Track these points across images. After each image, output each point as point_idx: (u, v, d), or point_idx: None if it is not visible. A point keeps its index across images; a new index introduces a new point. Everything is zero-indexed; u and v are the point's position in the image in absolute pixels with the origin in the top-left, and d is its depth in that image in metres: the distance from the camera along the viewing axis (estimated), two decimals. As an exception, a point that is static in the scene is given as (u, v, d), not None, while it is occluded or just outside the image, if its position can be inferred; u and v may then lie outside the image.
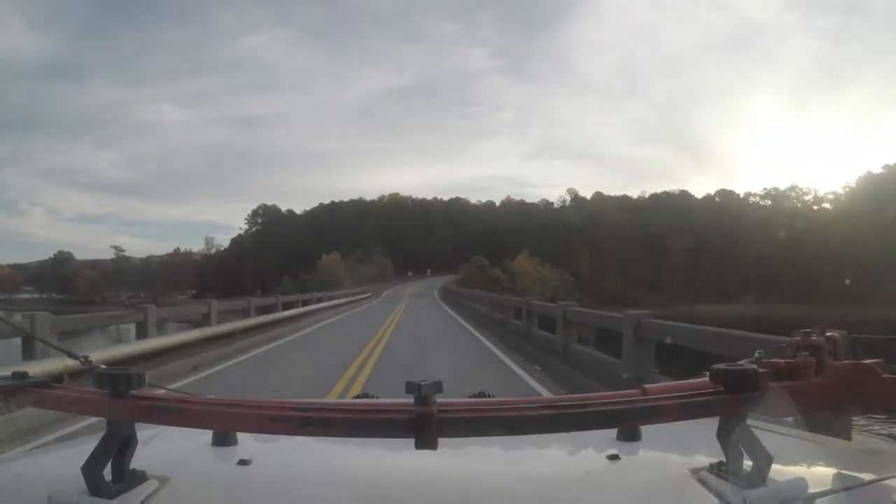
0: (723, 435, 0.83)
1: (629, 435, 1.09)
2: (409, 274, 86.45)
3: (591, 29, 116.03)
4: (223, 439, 1.11)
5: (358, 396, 1.68)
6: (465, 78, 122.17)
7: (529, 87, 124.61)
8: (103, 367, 0.90)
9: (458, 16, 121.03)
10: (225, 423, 0.87)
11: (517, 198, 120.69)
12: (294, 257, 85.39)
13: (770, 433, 0.95)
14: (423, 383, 0.73)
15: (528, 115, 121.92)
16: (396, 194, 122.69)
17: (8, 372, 0.91)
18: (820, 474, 0.88)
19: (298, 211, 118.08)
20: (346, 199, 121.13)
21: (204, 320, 12.65)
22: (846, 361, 0.93)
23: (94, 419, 0.87)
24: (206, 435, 1.11)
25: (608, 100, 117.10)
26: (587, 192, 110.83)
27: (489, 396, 1.54)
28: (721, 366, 0.84)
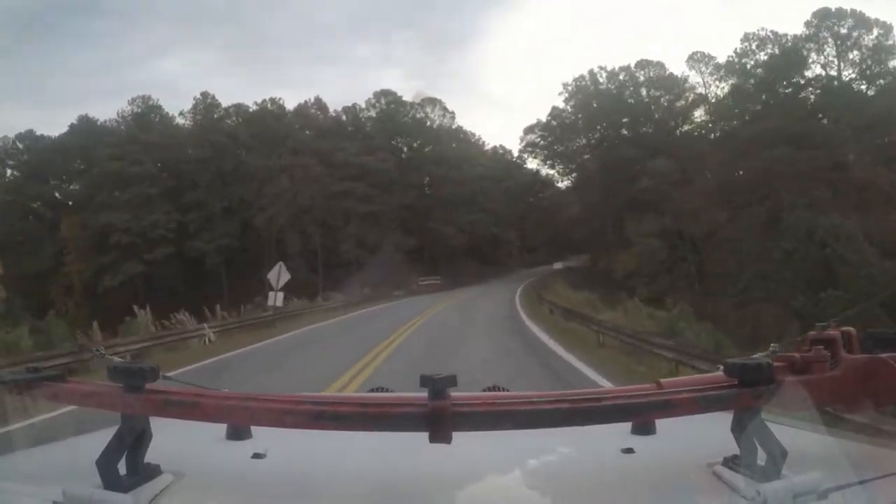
0: (737, 429, 0.83)
1: (644, 429, 1.09)
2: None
3: (501, 49, 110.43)
4: (237, 433, 1.11)
5: (372, 390, 1.69)
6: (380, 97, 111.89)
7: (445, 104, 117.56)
8: (118, 360, 0.90)
9: (375, 37, 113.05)
10: (239, 417, 0.88)
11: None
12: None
13: (785, 427, 0.95)
14: (437, 377, 0.73)
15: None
16: (262, 101, 54.50)
17: (22, 367, 0.92)
18: (834, 468, 0.87)
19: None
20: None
21: None
22: (861, 355, 0.92)
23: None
24: (221, 429, 1.12)
25: (521, 117, 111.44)
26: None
27: (504, 390, 1.54)
28: (735, 359, 0.83)
